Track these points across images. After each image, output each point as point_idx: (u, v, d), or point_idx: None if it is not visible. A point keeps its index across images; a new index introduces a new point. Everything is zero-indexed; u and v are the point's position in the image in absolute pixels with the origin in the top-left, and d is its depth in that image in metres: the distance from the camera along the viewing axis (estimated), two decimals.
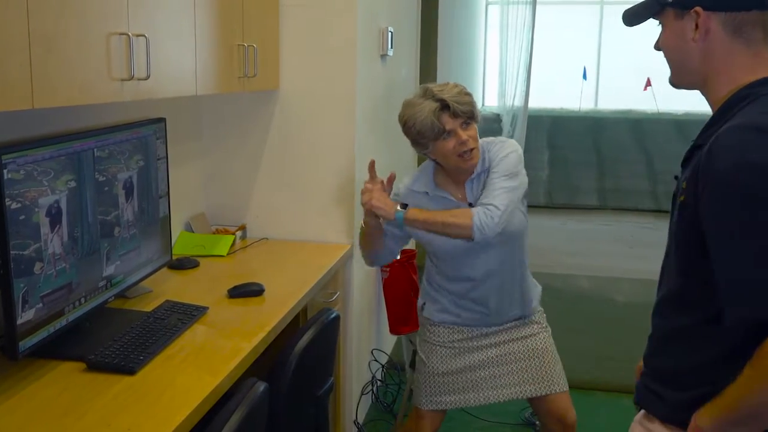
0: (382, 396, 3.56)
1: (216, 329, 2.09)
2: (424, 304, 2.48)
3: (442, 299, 2.43)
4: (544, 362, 2.43)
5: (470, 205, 2.28)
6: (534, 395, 2.44)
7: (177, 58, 2.10)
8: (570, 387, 2.50)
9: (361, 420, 3.27)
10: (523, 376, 2.43)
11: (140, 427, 1.52)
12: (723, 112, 1.35)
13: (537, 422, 2.93)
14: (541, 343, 2.45)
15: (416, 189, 2.35)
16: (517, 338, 2.44)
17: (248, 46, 2.54)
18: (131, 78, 1.78)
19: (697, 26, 1.37)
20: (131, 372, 1.74)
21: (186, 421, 1.56)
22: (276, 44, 2.89)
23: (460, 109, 2.18)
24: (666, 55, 1.46)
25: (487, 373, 2.43)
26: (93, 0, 1.65)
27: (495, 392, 2.44)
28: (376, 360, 3.56)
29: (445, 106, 2.17)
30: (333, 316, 2.21)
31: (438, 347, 2.44)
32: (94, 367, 1.76)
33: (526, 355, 2.43)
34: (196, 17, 2.18)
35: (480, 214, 2.15)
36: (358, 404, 3.25)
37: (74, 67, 1.59)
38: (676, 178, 1.45)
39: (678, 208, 1.37)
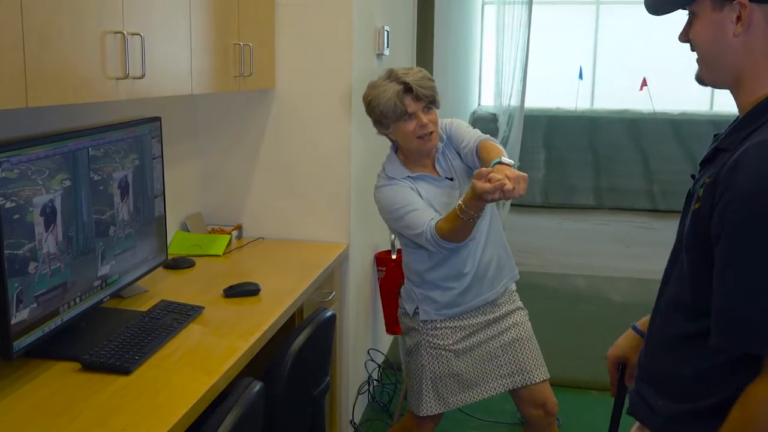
0: (379, 396, 3.56)
1: (212, 329, 2.08)
2: (417, 308, 2.44)
3: (439, 295, 2.40)
4: (526, 352, 2.45)
5: (450, 179, 2.34)
6: (520, 386, 2.44)
7: (172, 56, 2.09)
8: (566, 386, 2.51)
9: (357, 420, 3.27)
10: (509, 369, 2.44)
11: (136, 427, 1.51)
12: (753, 117, 1.26)
13: None
14: (524, 332, 2.47)
15: (397, 177, 2.36)
16: (510, 327, 2.45)
17: (244, 45, 2.54)
18: (126, 77, 1.78)
19: (739, 18, 1.25)
20: (126, 372, 1.73)
21: (181, 421, 1.55)
22: (272, 43, 2.89)
23: (422, 93, 2.25)
24: (698, 50, 1.34)
25: (481, 368, 2.44)
26: None
27: (487, 386, 2.45)
28: (372, 360, 3.55)
29: (408, 88, 2.24)
30: (329, 315, 2.21)
31: (443, 351, 2.41)
32: (89, 367, 1.75)
33: (511, 347, 2.45)
34: (191, 16, 2.17)
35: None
36: (354, 404, 3.24)
37: (69, 65, 1.59)
38: (693, 176, 1.38)
39: (691, 215, 1.30)
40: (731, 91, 1.34)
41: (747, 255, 1.17)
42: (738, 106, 1.32)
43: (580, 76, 8.86)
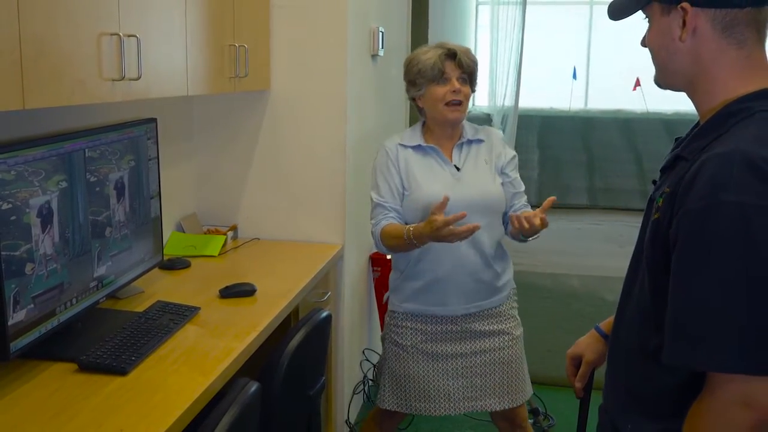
0: (374, 395, 3.55)
1: (208, 329, 2.09)
2: (388, 296, 2.48)
3: (405, 285, 2.40)
4: (512, 375, 2.40)
5: (456, 168, 2.33)
6: (500, 408, 2.42)
7: (168, 58, 2.09)
8: (560, 386, 2.52)
9: (352, 419, 3.28)
10: (492, 390, 2.40)
11: (132, 427, 1.52)
12: (713, 125, 1.23)
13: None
14: (512, 355, 2.40)
15: (407, 143, 2.36)
16: (488, 350, 2.39)
17: (239, 46, 2.54)
18: (122, 78, 1.78)
19: (684, 24, 1.23)
20: (123, 372, 1.74)
21: (178, 422, 1.56)
22: (267, 44, 2.89)
23: (464, 61, 2.29)
24: (652, 54, 1.33)
25: (457, 383, 2.39)
26: (84, 0, 1.65)
27: (464, 404, 2.41)
28: (367, 360, 3.56)
29: (452, 54, 2.29)
30: (324, 316, 2.22)
31: (400, 350, 2.40)
32: (86, 367, 1.76)
33: (495, 369, 2.40)
34: (187, 17, 2.18)
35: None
36: (349, 404, 3.25)
37: (65, 67, 1.59)
38: (654, 182, 1.35)
39: (651, 225, 1.26)
40: (687, 95, 1.31)
41: (695, 271, 1.13)
42: (697, 111, 1.30)
43: (574, 77, 8.88)
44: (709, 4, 1.21)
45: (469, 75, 2.33)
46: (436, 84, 2.29)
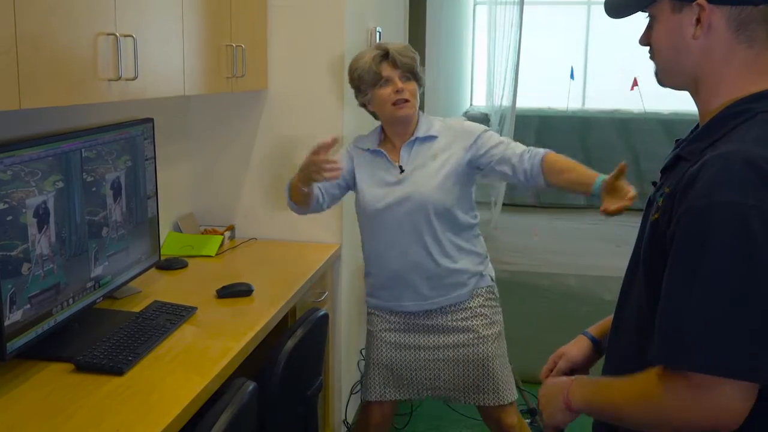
0: None
1: (205, 329, 2.09)
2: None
3: (367, 281, 2.46)
4: (480, 374, 2.38)
5: (401, 168, 2.32)
6: (467, 403, 2.44)
7: (165, 58, 2.09)
8: None
9: (350, 419, 3.28)
10: (458, 385, 2.41)
11: (129, 427, 1.52)
12: (715, 125, 1.21)
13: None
14: (478, 353, 2.37)
15: (361, 146, 2.41)
16: (451, 345, 2.38)
17: (236, 46, 2.54)
18: (119, 78, 1.78)
19: (698, 21, 1.20)
20: (120, 373, 1.74)
21: (175, 422, 1.56)
22: (264, 44, 2.89)
23: (400, 60, 2.28)
24: (656, 53, 1.29)
25: (423, 374, 2.42)
26: (80, 0, 1.65)
27: (432, 392, 2.44)
28: (364, 360, 3.55)
29: (385, 54, 2.29)
30: (321, 315, 2.22)
31: (373, 338, 2.45)
32: (83, 367, 1.75)
33: (459, 365, 2.39)
34: (184, 17, 2.18)
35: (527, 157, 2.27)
36: (347, 404, 3.25)
37: (62, 67, 1.59)
38: (654, 183, 1.33)
39: (650, 225, 1.24)
40: (691, 94, 1.29)
41: (689, 270, 1.12)
42: (699, 111, 1.28)
43: (572, 76, 8.88)
44: (727, 1, 1.18)
45: (410, 71, 2.30)
46: (378, 87, 2.30)
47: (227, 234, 2.99)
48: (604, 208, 2.09)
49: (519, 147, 2.33)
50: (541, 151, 2.30)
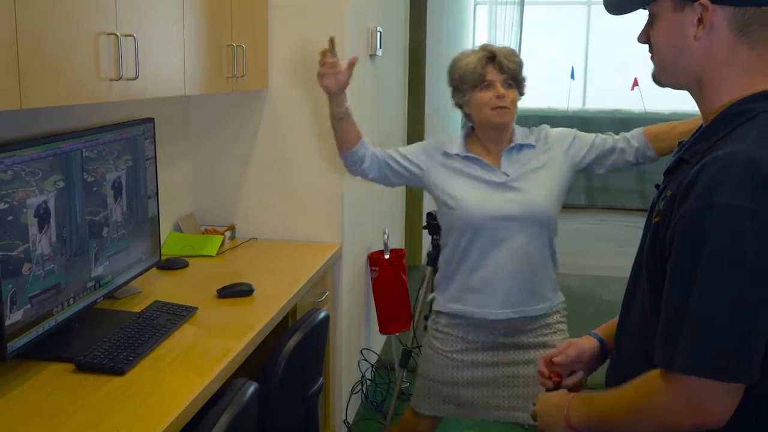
0: (372, 395, 3.56)
1: (205, 329, 2.09)
2: (434, 297, 2.41)
3: (448, 282, 2.32)
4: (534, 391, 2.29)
5: (505, 174, 2.24)
6: (529, 423, 2.33)
7: (166, 58, 2.09)
8: None
9: (350, 420, 3.28)
10: (519, 403, 2.33)
11: (129, 427, 1.51)
12: (716, 126, 1.20)
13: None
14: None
15: (448, 150, 2.29)
16: (520, 362, 2.31)
17: (237, 46, 2.54)
18: (120, 78, 1.78)
19: (700, 21, 1.18)
20: (120, 373, 1.74)
21: (176, 422, 1.56)
22: (265, 44, 2.89)
23: (506, 65, 2.20)
24: (656, 51, 1.28)
25: (483, 393, 2.33)
26: (81, 0, 1.65)
27: (487, 411, 2.35)
28: (365, 359, 3.56)
29: (492, 57, 2.21)
30: (322, 316, 2.22)
31: (440, 355, 2.34)
32: (83, 367, 1.75)
33: (525, 382, 2.32)
34: (184, 17, 2.17)
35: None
36: (347, 404, 3.25)
37: (62, 67, 1.59)
38: (657, 187, 1.33)
39: (652, 229, 1.24)
40: (692, 95, 1.28)
41: (686, 273, 1.11)
42: (701, 112, 1.27)
43: (572, 76, 8.89)
44: (729, 2, 1.17)
45: (513, 78, 2.23)
46: (479, 90, 2.21)
47: (228, 234, 2.99)
48: None
49: (609, 135, 2.39)
50: (635, 129, 2.37)
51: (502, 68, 2.20)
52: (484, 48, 2.24)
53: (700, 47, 1.20)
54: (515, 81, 2.24)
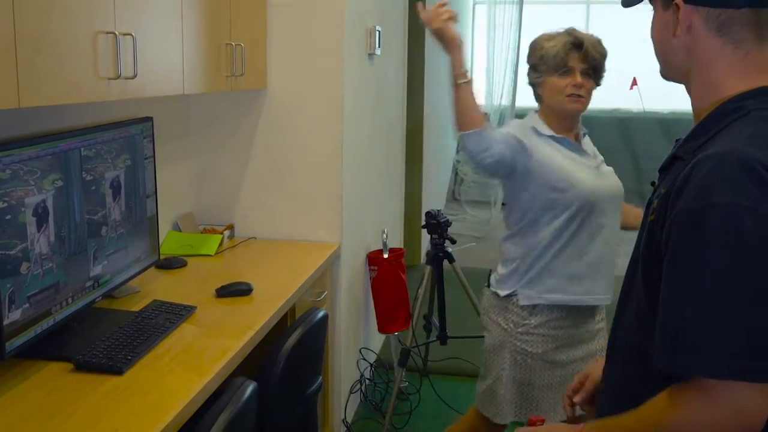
0: (371, 395, 3.56)
1: (204, 329, 2.09)
2: (515, 292, 2.24)
3: (548, 274, 2.21)
4: None
5: (593, 157, 2.29)
6: None
7: (164, 57, 2.09)
8: None
9: (349, 419, 3.28)
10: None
11: (128, 427, 1.51)
12: (708, 124, 1.21)
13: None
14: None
15: (541, 131, 2.22)
16: (592, 353, 2.26)
17: (236, 45, 2.54)
18: (118, 77, 1.78)
19: (679, 21, 1.22)
20: (119, 372, 1.74)
21: (174, 421, 1.55)
22: (264, 43, 2.89)
23: (591, 54, 2.17)
24: (653, 45, 1.32)
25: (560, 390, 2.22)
26: None
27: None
28: (364, 359, 3.56)
29: (579, 44, 2.17)
30: (321, 315, 2.22)
31: (530, 359, 2.23)
32: (82, 367, 1.75)
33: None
34: (183, 16, 2.17)
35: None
36: (346, 403, 3.25)
37: (61, 66, 1.59)
38: (652, 184, 1.33)
39: (648, 227, 1.23)
40: (686, 90, 1.30)
41: (686, 274, 1.11)
42: (693, 109, 1.28)
43: None
44: (702, 3, 1.19)
45: (594, 69, 2.20)
46: (557, 75, 2.18)
47: (226, 233, 2.99)
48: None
49: None
50: None
51: (587, 57, 2.17)
52: (571, 33, 2.21)
53: (681, 45, 1.23)
54: (595, 72, 2.22)
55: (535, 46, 2.25)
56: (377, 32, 3.41)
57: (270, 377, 1.92)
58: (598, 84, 2.26)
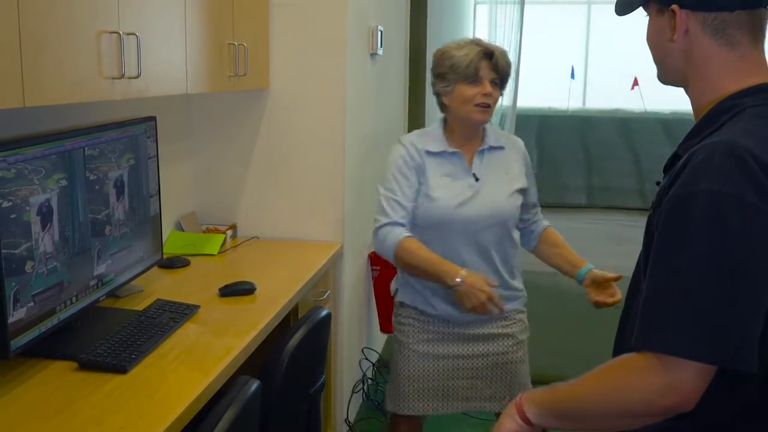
0: (373, 394, 3.57)
1: (207, 328, 2.09)
2: (397, 289, 2.42)
3: (414, 286, 2.34)
4: (514, 378, 2.38)
5: (475, 177, 2.27)
6: (499, 410, 2.35)
7: (168, 56, 2.09)
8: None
9: (351, 418, 3.28)
10: (492, 393, 2.38)
11: (132, 426, 1.52)
12: (706, 122, 1.24)
13: None
14: (515, 358, 2.37)
15: (432, 149, 2.27)
16: (491, 353, 2.36)
17: (239, 45, 2.54)
18: (122, 76, 1.78)
19: (675, 26, 1.25)
20: (123, 371, 1.74)
21: (178, 420, 1.56)
22: (266, 43, 2.89)
23: (501, 64, 2.22)
24: (650, 51, 1.36)
25: (458, 384, 2.37)
26: None
27: (465, 404, 2.39)
28: (366, 358, 3.56)
29: (489, 54, 2.21)
30: (324, 313, 2.22)
31: (405, 349, 2.37)
32: (86, 366, 1.76)
33: (497, 372, 2.37)
34: (186, 16, 2.18)
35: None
36: (349, 402, 3.25)
37: (65, 65, 1.59)
38: (657, 183, 1.34)
39: (648, 221, 1.27)
40: (685, 92, 1.33)
41: (667, 256, 1.13)
42: (692, 109, 1.31)
43: (572, 76, 8.88)
44: (697, 7, 1.23)
45: (501, 79, 2.25)
46: (467, 83, 2.20)
47: (229, 232, 2.99)
48: (596, 300, 2.35)
49: (534, 196, 2.44)
50: (545, 221, 2.51)
51: (497, 67, 2.22)
52: (478, 43, 2.25)
53: (678, 49, 1.27)
54: (502, 81, 2.26)
55: (442, 55, 2.27)
56: (379, 32, 3.42)
57: (274, 376, 1.92)
58: (501, 94, 2.30)
